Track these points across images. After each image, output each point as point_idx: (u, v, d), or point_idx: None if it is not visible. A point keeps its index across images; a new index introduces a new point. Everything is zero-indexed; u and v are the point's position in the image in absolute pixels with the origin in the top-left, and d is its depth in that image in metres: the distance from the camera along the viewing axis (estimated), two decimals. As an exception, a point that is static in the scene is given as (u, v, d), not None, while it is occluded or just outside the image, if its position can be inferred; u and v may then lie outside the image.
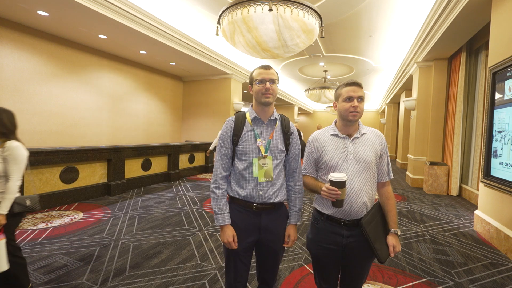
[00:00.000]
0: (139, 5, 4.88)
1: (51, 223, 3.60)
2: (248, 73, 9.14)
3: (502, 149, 3.18)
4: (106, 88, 6.95)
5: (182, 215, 4.10)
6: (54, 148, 4.27)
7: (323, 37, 5.29)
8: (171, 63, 7.69)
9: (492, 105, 3.41)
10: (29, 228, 3.37)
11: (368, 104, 17.09)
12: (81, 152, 4.62)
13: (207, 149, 8.05)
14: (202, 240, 3.16)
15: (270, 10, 2.98)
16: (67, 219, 3.78)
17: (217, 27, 3.57)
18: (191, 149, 7.72)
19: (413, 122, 7.31)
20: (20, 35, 5.15)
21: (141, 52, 6.72)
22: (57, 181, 4.39)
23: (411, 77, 7.59)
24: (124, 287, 2.18)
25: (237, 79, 9.04)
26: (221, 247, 2.94)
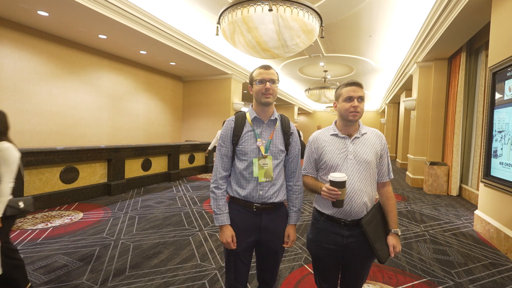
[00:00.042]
0: (139, 5, 4.88)
1: (51, 223, 3.60)
2: (248, 73, 9.14)
3: (502, 149, 3.18)
4: (106, 88, 6.96)
5: (182, 215, 4.10)
6: (54, 148, 4.27)
7: (323, 37, 5.29)
8: (171, 63, 7.69)
9: (492, 105, 3.41)
10: (29, 228, 3.37)
11: (368, 104, 17.10)
12: (81, 152, 4.62)
13: (207, 149, 8.04)
14: (202, 240, 3.16)
15: (270, 10, 2.98)
16: (67, 219, 3.78)
17: (217, 27, 3.57)
18: (191, 149, 7.72)
19: (413, 122, 7.31)
20: (20, 35, 5.15)
21: (141, 52, 6.72)
22: (57, 181, 4.39)
23: (411, 77, 7.59)
24: (124, 287, 2.18)
25: (237, 79, 9.03)
26: (221, 247, 2.94)
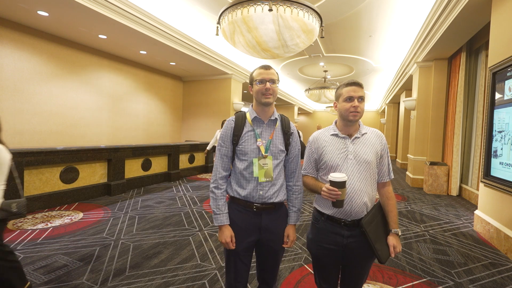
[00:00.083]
0: (139, 5, 4.88)
1: (51, 223, 3.60)
2: (248, 73, 9.14)
3: (502, 149, 3.18)
4: (106, 88, 6.95)
5: (182, 215, 4.10)
6: (54, 148, 4.27)
7: (323, 37, 5.29)
8: (171, 63, 7.69)
9: (492, 105, 3.41)
10: (29, 228, 3.37)
11: (368, 104, 17.10)
12: (81, 152, 4.62)
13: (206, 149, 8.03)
14: (202, 240, 3.16)
15: (270, 10, 2.98)
16: (67, 219, 3.78)
17: (217, 27, 3.57)
18: (191, 149, 7.72)
19: (413, 122, 7.31)
20: (20, 35, 5.15)
21: (141, 52, 6.72)
22: (57, 181, 4.39)
23: (411, 77, 7.59)
24: (124, 287, 2.18)
25: (237, 79, 9.03)
26: (221, 247, 2.94)
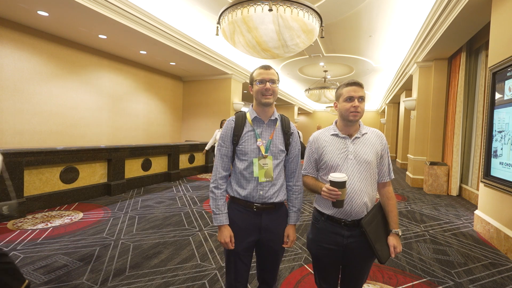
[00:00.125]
0: (139, 5, 4.88)
1: (51, 223, 3.60)
2: (248, 73, 9.14)
3: (502, 149, 3.18)
4: (106, 88, 6.95)
5: (182, 215, 4.10)
6: (54, 148, 4.26)
7: (323, 37, 5.29)
8: (171, 63, 7.69)
9: (492, 105, 3.41)
10: (29, 228, 3.37)
11: (368, 104, 17.10)
12: (81, 152, 4.62)
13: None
14: (202, 240, 3.16)
15: (270, 10, 2.98)
16: (67, 219, 3.78)
17: (217, 27, 3.57)
18: (191, 149, 7.72)
19: (413, 122, 7.31)
20: (20, 35, 5.15)
21: (141, 52, 6.72)
22: (57, 181, 4.38)
23: (411, 77, 7.59)
24: (124, 287, 2.18)
25: (237, 79, 9.03)
26: (221, 247, 2.94)
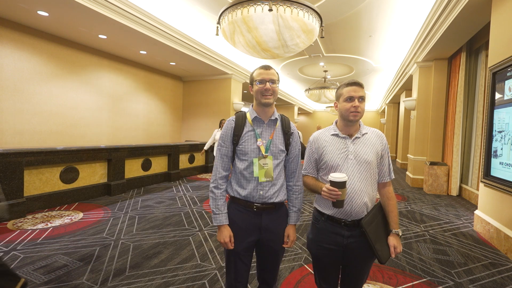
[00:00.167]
0: (139, 5, 4.88)
1: (51, 223, 3.59)
2: (248, 73, 9.14)
3: (502, 149, 3.18)
4: (106, 88, 6.95)
5: (182, 215, 4.10)
6: (54, 148, 4.26)
7: (323, 37, 5.29)
8: (171, 63, 7.69)
9: (492, 105, 3.41)
10: (29, 228, 3.37)
11: (368, 104, 17.10)
12: (81, 152, 4.62)
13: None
14: (202, 240, 3.16)
15: (270, 10, 2.98)
16: (67, 219, 3.78)
17: (217, 27, 3.57)
18: (191, 149, 7.72)
19: (413, 122, 7.31)
20: (20, 35, 5.15)
21: (141, 52, 6.72)
22: (57, 181, 4.38)
23: (411, 77, 7.59)
24: (124, 287, 2.18)
25: (237, 79, 9.03)
26: (221, 247, 2.94)
